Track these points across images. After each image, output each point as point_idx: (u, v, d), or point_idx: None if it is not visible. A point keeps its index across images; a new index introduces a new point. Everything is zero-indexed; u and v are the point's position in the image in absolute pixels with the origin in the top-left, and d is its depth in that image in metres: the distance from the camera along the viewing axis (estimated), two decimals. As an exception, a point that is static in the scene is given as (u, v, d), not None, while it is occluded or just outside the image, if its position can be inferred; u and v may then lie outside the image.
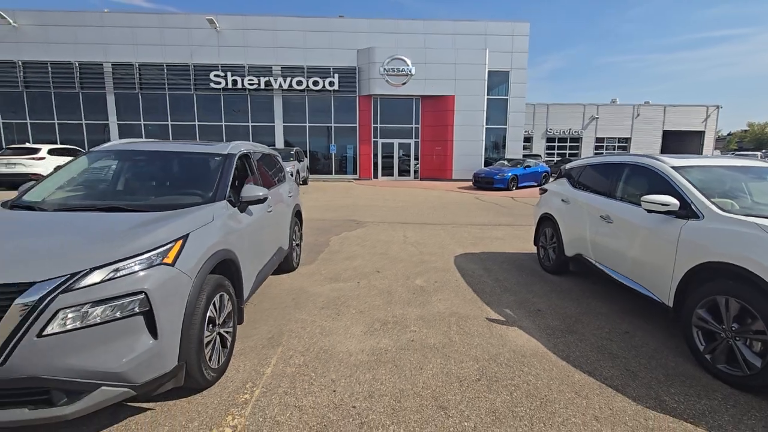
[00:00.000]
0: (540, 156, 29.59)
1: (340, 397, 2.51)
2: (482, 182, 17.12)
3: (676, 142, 35.84)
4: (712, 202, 3.15)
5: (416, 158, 22.62)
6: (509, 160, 19.41)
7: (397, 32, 21.44)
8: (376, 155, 22.44)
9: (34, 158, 14.92)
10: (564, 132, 35.02)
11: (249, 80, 21.09)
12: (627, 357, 3.10)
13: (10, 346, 1.71)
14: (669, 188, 3.51)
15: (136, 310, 1.95)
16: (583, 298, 4.44)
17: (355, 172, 22.78)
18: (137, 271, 2.01)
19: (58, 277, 1.83)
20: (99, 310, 1.86)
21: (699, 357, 2.92)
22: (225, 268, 2.76)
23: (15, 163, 14.60)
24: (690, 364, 2.98)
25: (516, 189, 17.02)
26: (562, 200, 5.24)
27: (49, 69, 20.71)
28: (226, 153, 3.53)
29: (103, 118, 21.60)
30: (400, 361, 2.98)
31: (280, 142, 21.94)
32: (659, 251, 3.37)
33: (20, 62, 20.58)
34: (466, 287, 4.76)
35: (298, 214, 5.45)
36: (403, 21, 21.81)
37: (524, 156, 23.39)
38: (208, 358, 2.45)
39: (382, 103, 21.95)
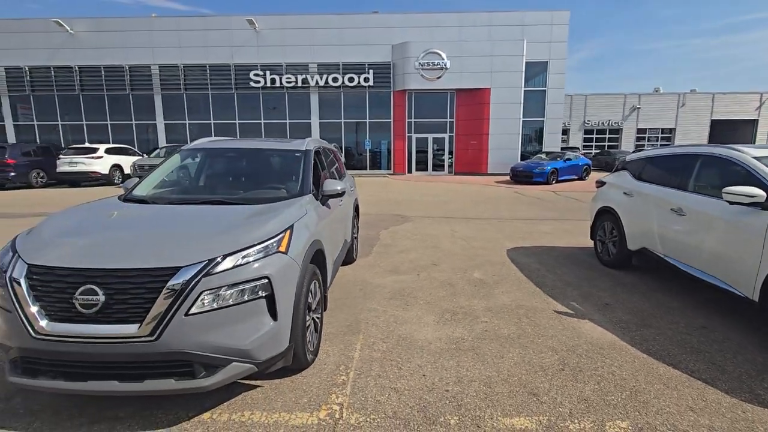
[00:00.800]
0: (578, 149, 28.66)
1: (431, 381, 2.63)
2: (520, 176, 16.84)
3: (725, 131, 33.77)
4: (804, 194, 3.05)
5: (450, 153, 22.49)
6: (547, 153, 18.96)
7: (431, 26, 21.31)
8: (410, 150, 22.48)
9: (93, 157, 15.92)
10: (603, 123, 33.73)
11: (287, 78, 21.57)
12: (710, 351, 3.06)
13: (164, 323, 1.93)
14: (752, 179, 3.40)
15: (260, 293, 2.15)
16: (650, 292, 4.37)
17: (389, 167, 22.91)
18: (260, 258, 2.21)
19: (199, 263, 2.04)
20: (231, 292, 2.06)
21: (791, 352, 2.86)
22: (315, 257, 2.94)
23: (77, 162, 15.62)
24: (779, 360, 2.91)
25: (556, 183, 16.64)
26: (624, 193, 5.14)
27: (103, 72, 21.94)
28: (304, 149, 3.73)
29: (151, 118, 22.70)
30: (479, 349, 3.08)
31: (316, 139, 22.33)
32: (743, 244, 3.29)
33: (77, 67, 21.90)
34: (525, 280, 4.78)
35: (356, 208, 5.63)
36: (438, 14, 21.64)
37: (562, 149, 22.74)
38: (307, 341, 2.64)
39: (416, 97, 21.92)
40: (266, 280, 2.15)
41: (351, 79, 21.50)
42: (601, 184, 5.92)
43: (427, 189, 15.50)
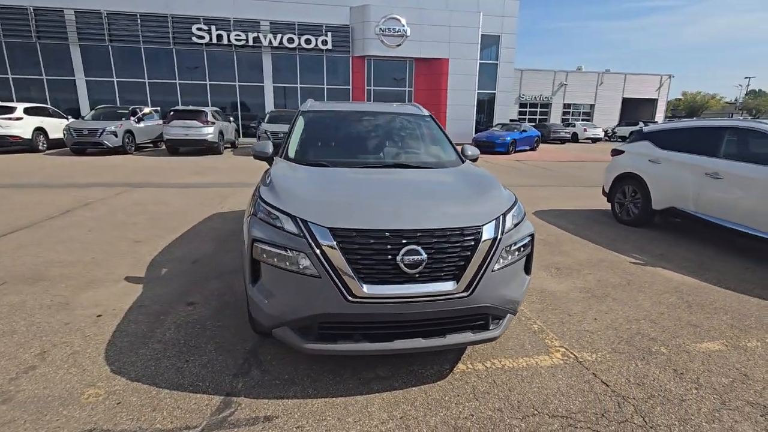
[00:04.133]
0: (518, 121, 30.67)
1: (607, 323, 3.02)
2: (483, 146, 17.68)
3: (633, 109, 38.51)
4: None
5: (408, 122, 22.72)
6: (502, 125, 20.14)
7: (390, -11, 20.81)
8: (368, 119, 22.25)
9: (11, 119, 13.40)
10: (535, 98, 36.34)
11: (236, 36, 19.74)
12: (764, 283, 3.86)
13: (477, 279, 2.01)
14: None
15: (525, 250, 2.29)
16: (684, 243, 5.21)
17: (347, 136, 22.51)
18: (523, 217, 2.33)
19: (492, 221, 2.11)
20: (515, 248, 2.18)
21: (830, 281, 3.73)
22: None
23: (-10, 124, 13.02)
24: (820, 287, 3.79)
25: (514, 152, 17.87)
26: (650, 160, 5.90)
27: (-2, 14, 18.06)
28: (427, 114, 3.74)
29: (68, 73, 19.42)
30: (613, 295, 3.53)
31: (270, 104, 21.06)
32: (787, 201, 4.10)
33: (-41, 4, 17.73)
34: (578, 239, 5.36)
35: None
36: (396, -22, 21.14)
37: (511, 120, 24.24)
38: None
39: (375, 64, 21.57)
40: (531, 238, 2.30)
41: (308, 41, 20.38)
42: (618, 152, 6.67)
43: (400, 158, 15.68)
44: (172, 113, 14.39)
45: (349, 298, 1.89)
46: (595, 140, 28.57)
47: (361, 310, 1.92)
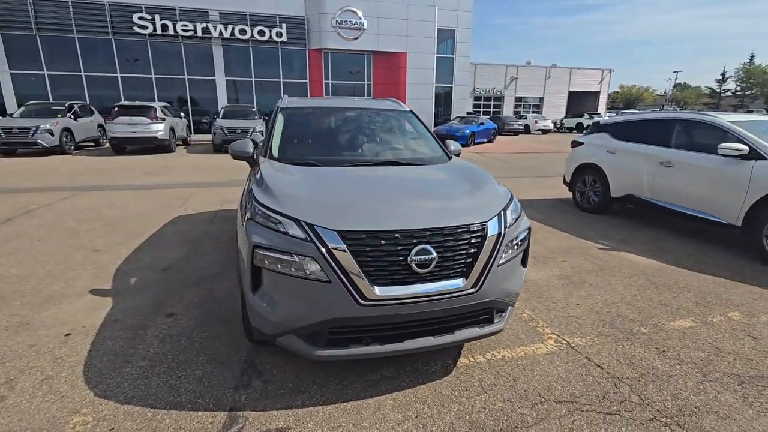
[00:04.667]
0: (475, 114, 31.50)
1: (588, 307, 3.18)
2: (444, 139, 18.02)
3: (578, 101, 40.72)
4: (774, 147, 4.33)
5: (368, 116, 22.63)
6: (461, 118, 20.60)
7: (346, -19, 20.51)
8: (327, 113, 21.91)
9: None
10: (489, 91, 37.44)
11: (182, 26, 18.63)
12: (715, 261, 4.23)
13: (484, 274, 2.03)
14: (729, 137, 4.62)
15: (522, 245, 2.34)
16: (642, 228, 5.59)
17: (306, 131, 22.05)
18: (521, 213, 2.38)
19: (495, 216, 2.13)
20: (516, 241, 2.22)
21: (769, 257, 4.17)
22: None
23: None
24: (759, 263, 4.21)
25: (473, 145, 18.34)
26: (608, 151, 6.27)
27: None
28: (408, 109, 3.73)
29: (-11, 65, 17.48)
30: (588, 281, 3.72)
31: (223, 99, 20.14)
32: (731, 186, 4.50)
33: None
34: (548, 228, 5.60)
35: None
36: (350, -31, 20.84)
37: (467, 113, 24.82)
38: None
39: (333, 57, 21.23)
40: (528, 232, 2.35)
41: (261, 33, 19.66)
42: (577, 144, 7.01)
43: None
44: (116, 109, 13.35)
45: (361, 301, 1.84)
46: (545, 131, 29.94)
47: (373, 313, 1.88)
